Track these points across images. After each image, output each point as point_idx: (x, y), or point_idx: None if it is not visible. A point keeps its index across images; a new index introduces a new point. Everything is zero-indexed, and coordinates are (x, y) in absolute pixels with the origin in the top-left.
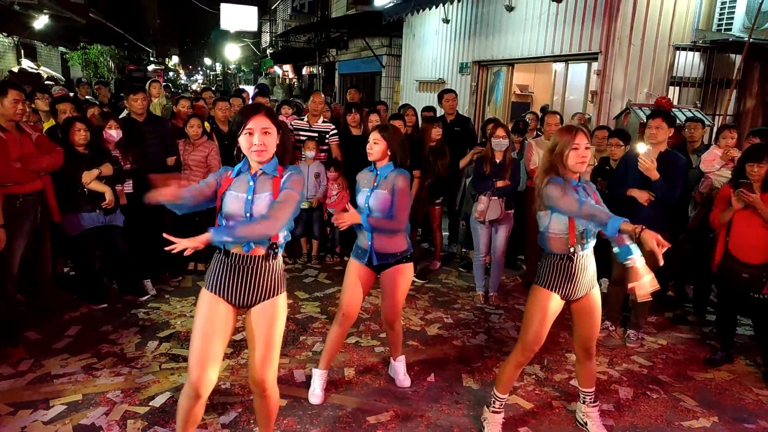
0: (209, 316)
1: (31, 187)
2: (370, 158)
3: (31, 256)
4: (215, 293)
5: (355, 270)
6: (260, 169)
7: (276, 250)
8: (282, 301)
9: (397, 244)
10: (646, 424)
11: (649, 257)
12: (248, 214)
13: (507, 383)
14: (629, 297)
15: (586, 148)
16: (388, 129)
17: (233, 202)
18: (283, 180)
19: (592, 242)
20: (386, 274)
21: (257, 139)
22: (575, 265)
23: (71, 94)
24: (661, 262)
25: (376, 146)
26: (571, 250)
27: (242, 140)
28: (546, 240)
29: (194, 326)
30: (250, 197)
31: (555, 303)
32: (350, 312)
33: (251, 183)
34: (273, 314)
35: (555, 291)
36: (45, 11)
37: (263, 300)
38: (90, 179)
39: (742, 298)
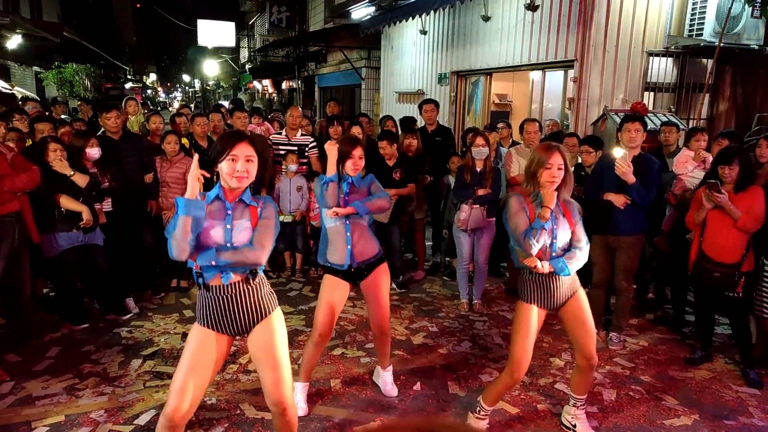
0: (196, 352)
1: (8, 208)
2: (358, 171)
3: (9, 278)
4: (206, 326)
5: (330, 287)
6: (238, 198)
7: (255, 272)
8: (276, 318)
9: (373, 247)
10: (629, 423)
11: None
12: (228, 243)
13: (494, 399)
14: (611, 300)
15: (559, 169)
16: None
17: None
18: (260, 210)
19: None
20: (367, 281)
21: (240, 166)
22: (547, 275)
23: (46, 113)
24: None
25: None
26: (538, 264)
27: (224, 165)
28: (515, 254)
29: (181, 359)
30: (229, 226)
31: (536, 315)
32: (326, 331)
33: (229, 211)
34: (270, 334)
35: (534, 303)
36: (18, 31)
37: (256, 323)
38: (62, 169)
39: (717, 297)
